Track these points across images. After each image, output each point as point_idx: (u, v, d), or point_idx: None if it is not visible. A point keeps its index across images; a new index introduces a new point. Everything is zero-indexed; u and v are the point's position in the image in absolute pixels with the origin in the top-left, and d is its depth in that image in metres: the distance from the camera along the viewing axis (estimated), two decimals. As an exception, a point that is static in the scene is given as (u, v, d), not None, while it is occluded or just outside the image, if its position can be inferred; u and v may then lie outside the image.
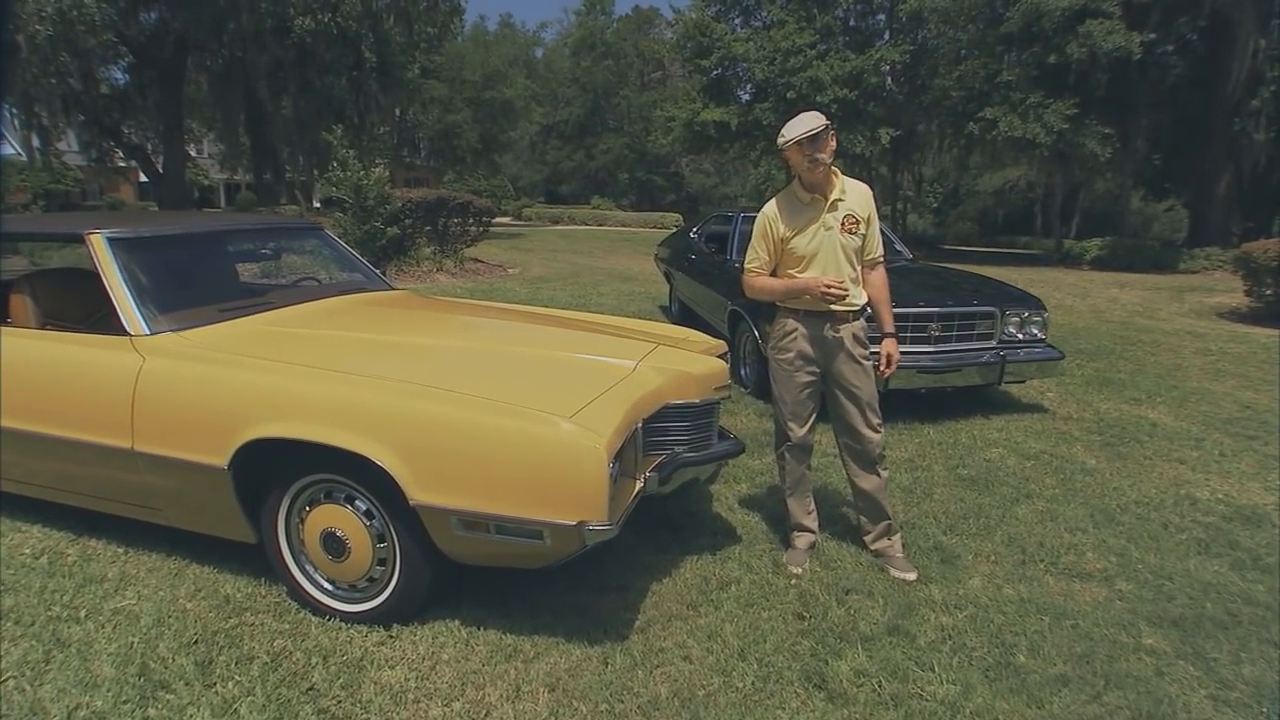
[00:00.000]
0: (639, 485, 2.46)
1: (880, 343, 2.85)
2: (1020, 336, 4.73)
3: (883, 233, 2.94)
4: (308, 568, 2.58)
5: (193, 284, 3.18)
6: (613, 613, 2.55)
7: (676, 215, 36.65)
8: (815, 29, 21.79)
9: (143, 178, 29.35)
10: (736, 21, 24.41)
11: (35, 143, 21.81)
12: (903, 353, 4.51)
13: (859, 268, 2.78)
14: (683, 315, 7.87)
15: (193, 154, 39.65)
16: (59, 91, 19.51)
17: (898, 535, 2.93)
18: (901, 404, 4.69)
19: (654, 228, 32.41)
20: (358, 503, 2.45)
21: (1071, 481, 3.73)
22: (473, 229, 13.99)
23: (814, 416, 2.88)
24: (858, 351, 2.76)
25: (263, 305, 3.18)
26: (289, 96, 22.18)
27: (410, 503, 2.23)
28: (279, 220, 4.28)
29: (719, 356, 3.40)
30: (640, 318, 8.25)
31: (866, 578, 2.77)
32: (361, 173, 12.00)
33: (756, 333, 4.93)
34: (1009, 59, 18.92)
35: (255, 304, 3.18)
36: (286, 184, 27.73)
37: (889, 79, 21.77)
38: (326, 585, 2.57)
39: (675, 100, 28.52)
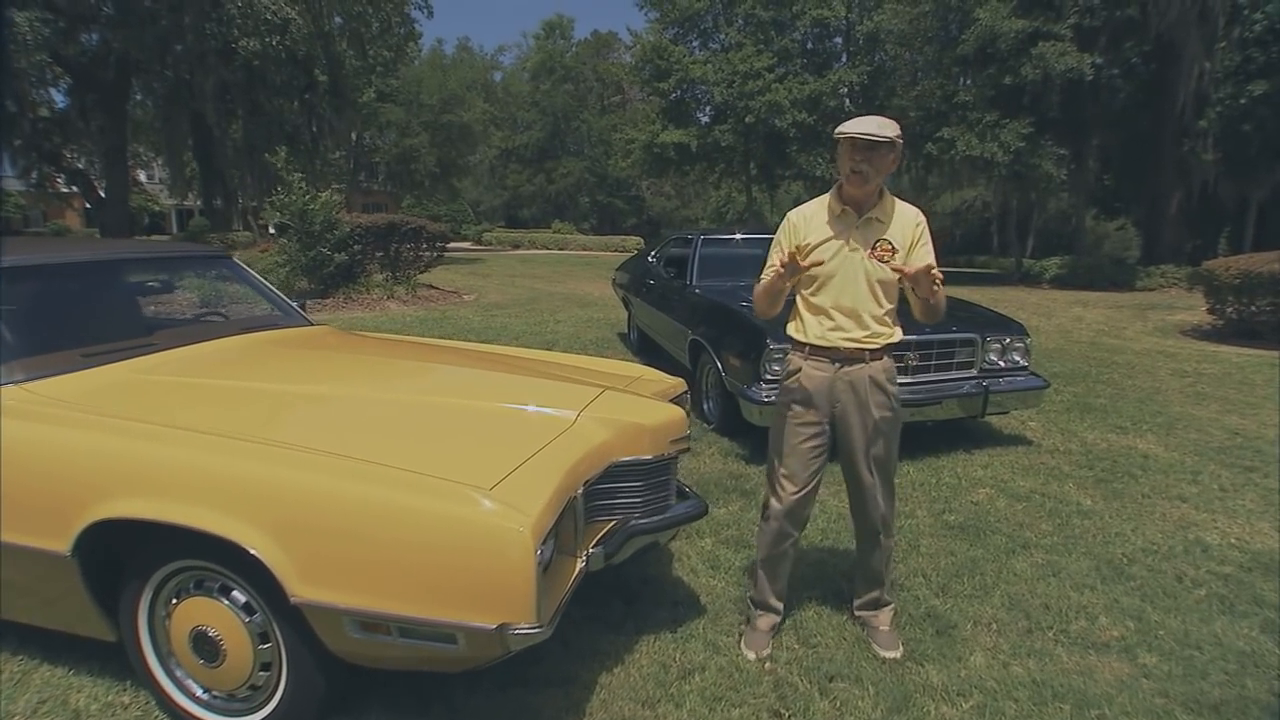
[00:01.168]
0: (579, 565, 2.03)
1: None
2: (1002, 364, 4.42)
3: None
4: (177, 672, 2.10)
5: (57, 324, 2.69)
6: (554, 715, 2.11)
7: (638, 239, 36.40)
8: (773, 51, 21.84)
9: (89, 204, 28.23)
10: (695, 44, 24.40)
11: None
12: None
13: (889, 304, 2.32)
14: (642, 344, 7.48)
15: (143, 179, 38.54)
16: (-6, 114, 18.66)
17: (889, 608, 2.53)
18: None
19: (615, 251, 32.09)
20: (235, 594, 1.98)
21: (1069, 526, 3.38)
22: (426, 254, 13.50)
23: (815, 480, 2.39)
24: (874, 399, 2.30)
25: (143, 348, 2.70)
26: (238, 120, 21.48)
27: (291, 600, 1.78)
28: (179, 248, 3.81)
29: (677, 398, 3.01)
30: (598, 346, 7.88)
31: (853, 658, 2.37)
32: (307, 196, 11.49)
33: (719, 365, 4.55)
34: (965, 81, 19.10)
35: (134, 346, 2.70)
36: (240, 210, 26.89)
37: (847, 100, 21.87)
38: (200, 694, 2.09)
39: (634, 123, 28.42)
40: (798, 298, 2.40)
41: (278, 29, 18.17)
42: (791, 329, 2.41)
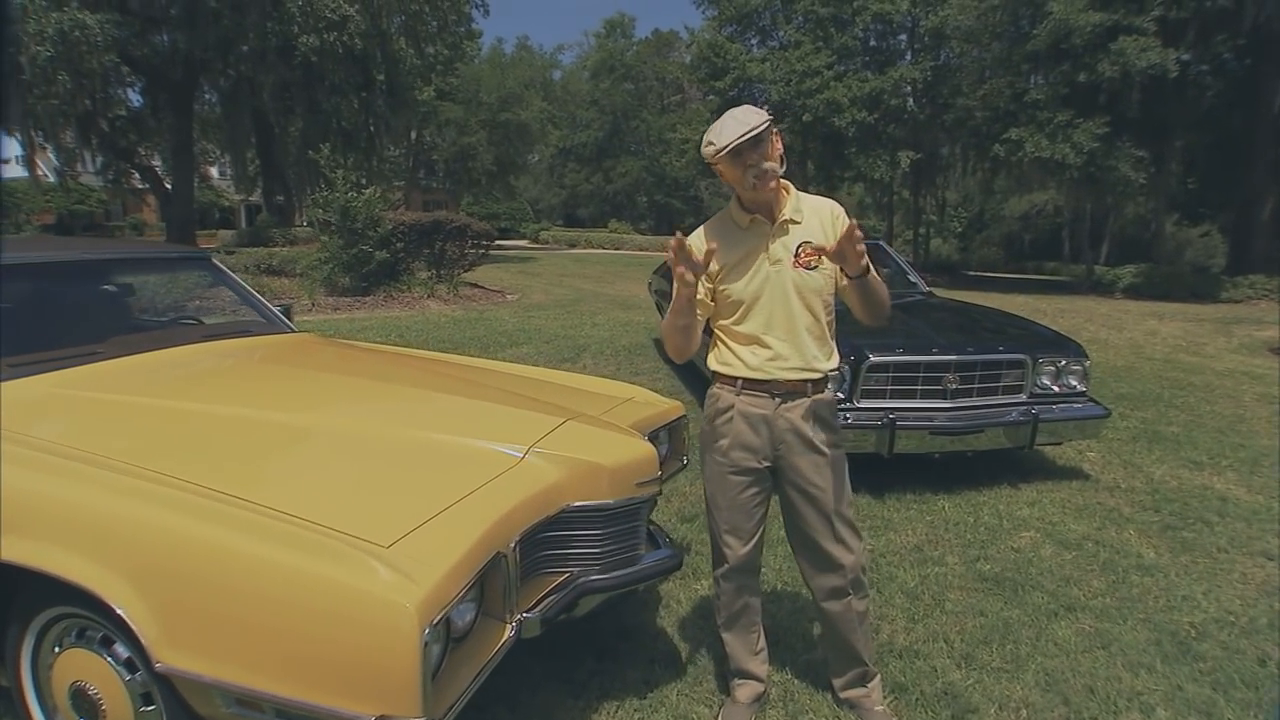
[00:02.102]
0: (508, 632, 1.71)
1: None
2: (1056, 389, 3.93)
3: (894, 259, 2.15)
4: (65, 728, 1.87)
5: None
6: (483, 803, 1.80)
7: (694, 239, 35.89)
8: (832, 49, 21.19)
9: (167, 199, 29.28)
10: (753, 42, 23.90)
11: (54, 163, 21.77)
12: (915, 410, 3.74)
13: (826, 317, 1.98)
14: (673, 350, 7.12)
15: (214, 175, 39.88)
16: (71, 113, 19.38)
17: (877, 680, 2.14)
18: (912, 472, 3.91)
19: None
20: (117, 648, 1.73)
21: (1126, 584, 2.91)
22: (471, 253, 13.42)
23: (761, 530, 2.08)
24: (818, 438, 1.96)
25: (83, 357, 2.49)
26: (297, 118, 21.90)
27: (155, 666, 1.52)
28: (153, 248, 3.66)
29: (671, 424, 2.68)
30: (630, 352, 7.56)
31: (848, 746, 1.99)
32: (351, 193, 11.49)
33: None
34: (1035, 78, 18.13)
35: (74, 355, 2.49)
36: (300, 205, 27.51)
37: (910, 99, 21.06)
38: (88, 755, 1.85)
39: (690, 122, 28.05)
40: (716, 328, 2.04)
41: (336, 25, 18.43)
42: (715, 362, 2.05)
